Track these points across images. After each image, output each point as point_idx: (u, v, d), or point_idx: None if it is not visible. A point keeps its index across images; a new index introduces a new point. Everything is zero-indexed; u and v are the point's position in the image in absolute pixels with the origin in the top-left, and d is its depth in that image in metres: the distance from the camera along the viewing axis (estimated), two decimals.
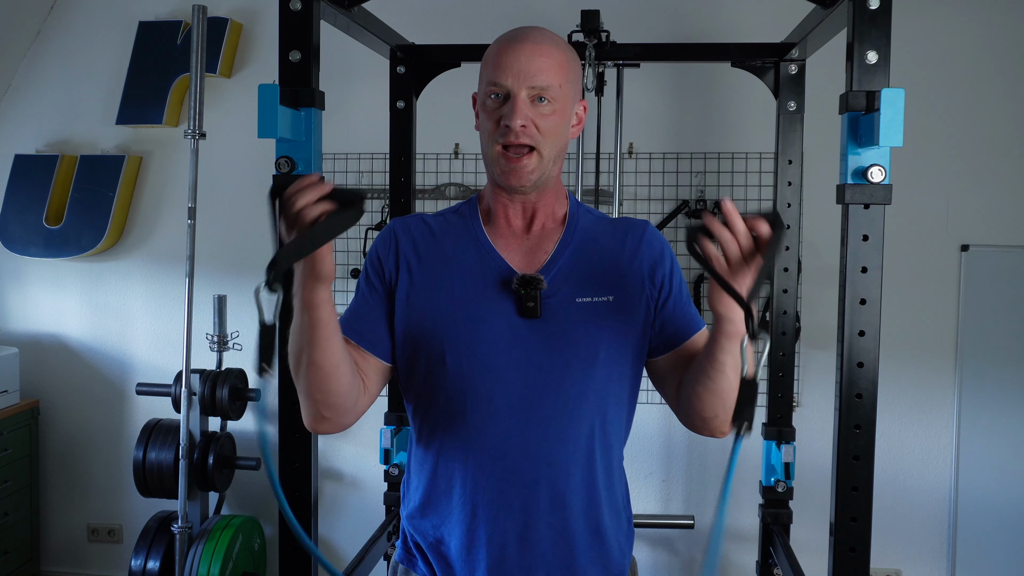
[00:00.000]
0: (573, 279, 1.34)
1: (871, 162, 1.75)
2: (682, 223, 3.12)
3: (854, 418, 1.82)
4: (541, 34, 1.34)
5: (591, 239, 1.38)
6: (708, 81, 3.11)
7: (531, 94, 1.29)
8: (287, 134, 1.85)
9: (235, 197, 3.31)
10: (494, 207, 1.38)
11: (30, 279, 3.45)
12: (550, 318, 1.31)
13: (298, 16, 1.89)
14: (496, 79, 1.29)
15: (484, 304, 1.32)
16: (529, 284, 1.30)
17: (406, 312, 1.35)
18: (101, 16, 3.37)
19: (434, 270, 1.36)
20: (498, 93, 1.30)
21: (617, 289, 1.35)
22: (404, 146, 2.73)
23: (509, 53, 1.30)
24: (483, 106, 1.33)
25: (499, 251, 1.36)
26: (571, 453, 1.33)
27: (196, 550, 2.92)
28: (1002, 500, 3.04)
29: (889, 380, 2.78)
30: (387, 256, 1.38)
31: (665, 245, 1.42)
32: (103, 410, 3.45)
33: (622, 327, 1.35)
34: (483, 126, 1.33)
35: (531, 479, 1.32)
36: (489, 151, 1.32)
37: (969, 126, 3.01)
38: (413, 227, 1.40)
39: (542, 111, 1.29)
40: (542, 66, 1.29)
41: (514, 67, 1.28)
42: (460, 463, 1.34)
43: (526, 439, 1.31)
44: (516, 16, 3.10)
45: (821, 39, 2.33)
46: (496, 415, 1.32)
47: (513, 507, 1.32)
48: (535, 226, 1.37)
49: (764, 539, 2.79)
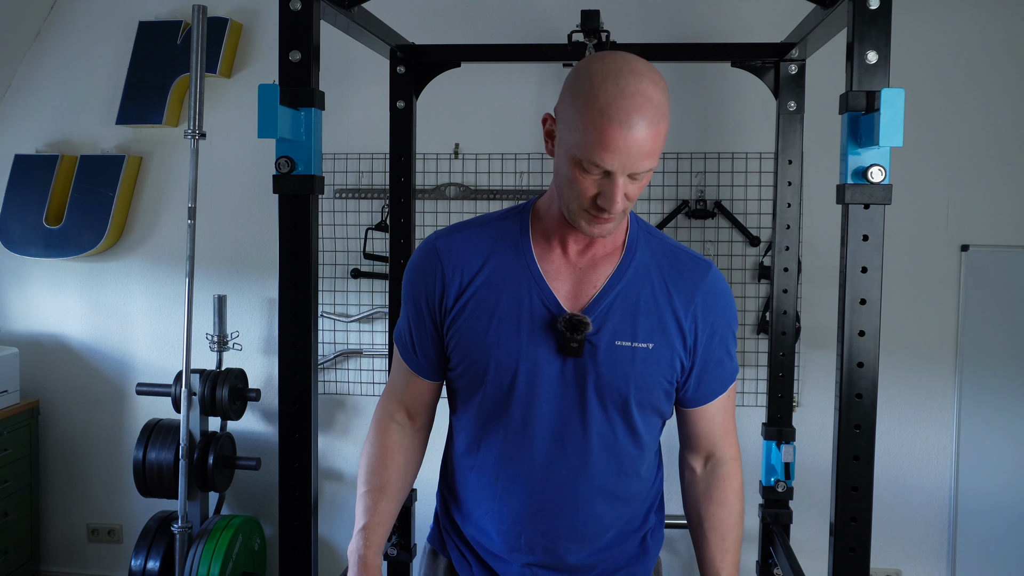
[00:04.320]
0: (616, 319, 1.33)
1: (871, 162, 1.75)
2: (682, 223, 3.12)
3: (854, 418, 1.82)
4: (653, 109, 1.20)
5: (644, 275, 1.36)
6: (708, 81, 3.11)
7: (631, 174, 1.24)
8: (287, 134, 1.84)
9: (235, 197, 3.31)
10: (554, 232, 1.36)
11: (30, 279, 3.45)
12: (589, 357, 1.33)
13: (298, 16, 1.89)
14: (600, 162, 1.21)
15: (528, 336, 1.33)
16: (575, 328, 1.31)
17: (454, 337, 1.37)
18: (101, 16, 3.37)
19: (480, 298, 1.35)
20: (598, 168, 1.22)
21: (659, 336, 1.34)
22: (404, 146, 2.73)
23: (618, 139, 1.19)
24: (576, 165, 1.24)
25: (549, 280, 1.34)
26: (595, 487, 1.38)
27: (196, 550, 2.92)
28: (1002, 500, 3.04)
29: (889, 380, 2.79)
30: (431, 284, 1.38)
31: (719, 298, 1.39)
32: (103, 410, 3.45)
33: (655, 375, 1.35)
34: (572, 182, 1.25)
35: (558, 506, 1.37)
36: (573, 206, 1.28)
37: (969, 126, 3.01)
38: (459, 249, 1.37)
39: (637, 182, 1.25)
40: (649, 151, 1.22)
41: (621, 155, 1.20)
42: (491, 482, 1.40)
43: (555, 471, 1.36)
44: (516, 16, 3.10)
45: (821, 39, 2.33)
46: (528, 445, 1.36)
47: (541, 529, 1.39)
48: (590, 251, 1.36)
49: (764, 539, 2.79)
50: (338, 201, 3.25)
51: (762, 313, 3.10)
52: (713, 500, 1.45)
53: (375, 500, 1.42)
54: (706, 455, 1.46)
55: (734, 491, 1.45)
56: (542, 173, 3.16)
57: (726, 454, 1.46)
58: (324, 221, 3.22)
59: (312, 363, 1.92)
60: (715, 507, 1.45)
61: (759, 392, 3.09)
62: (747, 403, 3.14)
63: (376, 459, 1.44)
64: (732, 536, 1.44)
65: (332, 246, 3.25)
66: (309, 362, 1.91)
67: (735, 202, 3.11)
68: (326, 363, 3.27)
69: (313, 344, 1.92)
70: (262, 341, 3.36)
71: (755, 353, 3.11)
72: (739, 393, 3.14)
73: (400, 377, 1.47)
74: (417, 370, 1.44)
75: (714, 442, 1.45)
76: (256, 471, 3.16)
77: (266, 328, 3.36)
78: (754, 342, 3.11)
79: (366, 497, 1.42)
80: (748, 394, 3.13)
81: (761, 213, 3.09)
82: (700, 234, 3.12)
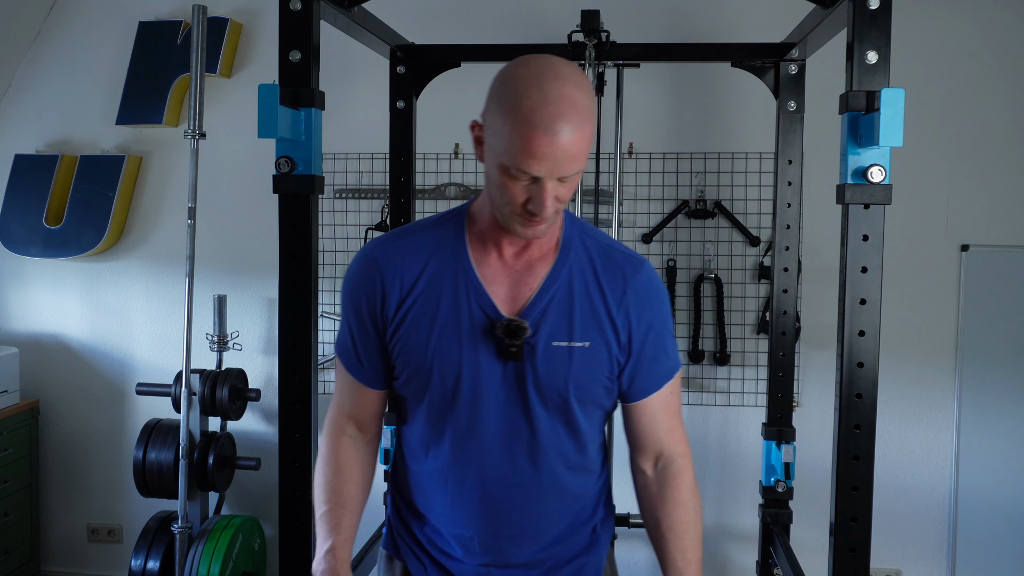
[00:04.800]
0: (553, 320, 1.35)
1: (871, 162, 1.75)
2: (682, 223, 3.12)
3: (854, 418, 1.82)
4: (577, 114, 1.21)
5: (579, 274, 1.37)
6: (708, 81, 3.11)
7: (560, 178, 1.24)
8: (287, 134, 1.85)
9: (235, 197, 3.31)
10: (489, 235, 1.37)
11: (30, 279, 3.45)
12: (528, 359, 1.34)
13: (298, 16, 1.89)
14: (525, 168, 1.21)
15: (468, 342, 1.35)
16: (513, 334, 1.32)
17: (397, 345, 1.38)
18: (101, 16, 3.37)
19: (421, 306, 1.36)
20: (525, 175, 1.23)
21: (594, 335, 1.36)
22: (404, 146, 2.73)
23: (544, 145, 1.19)
24: (504, 172, 1.24)
25: (486, 284, 1.36)
26: (545, 484, 1.39)
27: (196, 550, 2.92)
28: (1002, 500, 3.04)
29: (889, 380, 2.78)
30: (372, 294, 1.38)
31: (651, 295, 1.40)
32: (103, 410, 3.45)
33: (594, 373, 1.37)
34: (502, 188, 1.26)
35: (509, 506, 1.39)
36: (506, 211, 1.28)
37: (969, 126, 3.01)
38: (397, 258, 1.38)
39: (565, 185, 1.25)
40: (575, 154, 1.22)
41: (548, 161, 1.20)
42: (441, 486, 1.41)
43: (504, 472, 1.38)
44: (516, 16, 3.10)
45: (821, 39, 2.33)
46: (476, 449, 1.38)
47: (494, 530, 1.40)
48: (526, 254, 1.37)
49: (764, 539, 2.79)
50: (338, 201, 3.25)
51: (762, 313, 3.10)
52: (667, 500, 1.44)
53: (338, 517, 1.42)
54: (655, 455, 1.46)
55: (687, 488, 1.45)
56: None
57: (675, 451, 1.46)
58: (324, 221, 3.22)
59: (312, 363, 1.92)
60: (670, 507, 1.44)
61: (759, 392, 3.09)
62: (747, 403, 3.14)
63: (333, 475, 1.44)
64: (691, 534, 1.44)
65: (332, 246, 3.25)
66: (309, 362, 1.92)
67: (735, 202, 3.11)
68: (326, 363, 3.27)
69: (313, 344, 1.92)
70: (262, 341, 3.36)
71: (755, 353, 3.11)
72: (739, 393, 3.14)
73: (346, 390, 1.47)
74: (364, 380, 1.44)
75: (659, 440, 1.45)
76: (256, 471, 3.16)
77: (266, 328, 3.36)
78: (754, 342, 3.12)
79: (328, 516, 1.42)
80: (748, 394, 3.13)
81: (761, 213, 3.09)
82: (700, 234, 3.12)
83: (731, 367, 3.13)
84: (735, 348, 3.12)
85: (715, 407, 3.17)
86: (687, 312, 3.13)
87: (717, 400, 3.16)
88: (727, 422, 3.17)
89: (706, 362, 3.13)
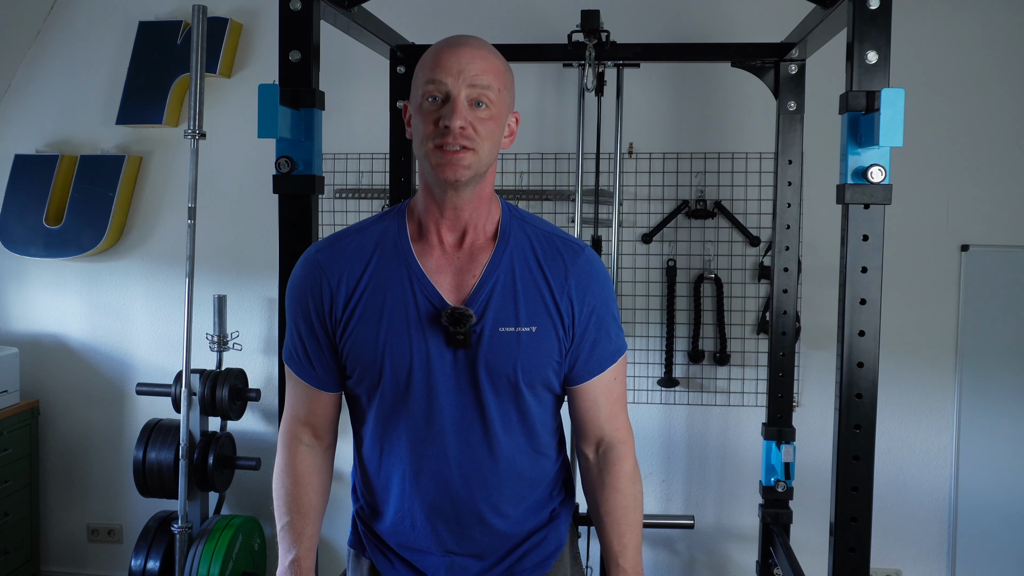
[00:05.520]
0: (497, 306, 1.36)
1: (871, 162, 1.75)
2: (682, 223, 3.12)
3: (854, 418, 1.82)
4: (480, 42, 1.35)
5: (521, 260, 1.39)
6: (708, 81, 3.11)
7: (470, 96, 1.30)
8: (287, 134, 1.85)
9: (235, 197, 3.31)
10: (426, 221, 1.39)
11: (30, 279, 3.45)
12: (475, 346, 1.35)
13: (298, 16, 1.89)
14: (436, 77, 1.30)
15: (417, 333, 1.36)
16: (458, 322, 1.33)
17: (347, 344, 1.39)
18: (101, 16, 3.37)
19: (367, 302, 1.37)
20: (436, 96, 1.30)
21: (539, 319, 1.37)
22: (404, 146, 2.73)
23: (450, 55, 1.31)
24: (419, 108, 1.33)
25: (429, 275, 1.37)
26: (502, 470, 1.41)
27: (196, 550, 2.92)
28: (1002, 500, 3.04)
29: (889, 380, 2.79)
30: (318, 296, 1.39)
31: (593, 278, 1.42)
32: (103, 410, 3.45)
33: (542, 357, 1.38)
34: (418, 128, 1.34)
35: (468, 494, 1.41)
36: (423, 149, 1.32)
37: (969, 126, 3.01)
38: (340, 259, 1.39)
39: (480, 115, 1.30)
40: (482, 68, 1.31)
41: (455, 67, 1.29)
42: (400, 480, 1.43)
43: (462, 461, 1.40)
44: (516, 16, 3.10)
45: (821, 39, 2.33)
46: (433, 440, 1.39)
47: (455, 518, 1.43)
48: (466, 242, 1.39)
49: (764, 539, 2.79)
50: (338, 201, 3.25)
51: (762, 313, 3.10)
52: (606, 486, 1.48)
53: (300, 528, 1.45)
54: (596, 440, 1.49)
55: (626, 475, 1.47)
56: (542, 173, 3.17)
57: (615, 437, 1.48)
58: (324, 221, 3.22)
59: None
60: (608, 492, 1.47)
61: (759, 392, 3.09)
62: (747, 403, 3.14)
63: (293, 485, 1.46)
64: (628, 519, 1.47)
65: None
66: None
67: (735, 202, 3.11)
68: None
69: None
70: (262, 341, 3.36)
71: (755, 353, 3.11)
72: (739, 393, 3.14)
73: (299, 397, 1.47)
74: (317, 384, 1.44)
75: (601, 426, 1.47)
76: (256, 471, 3.16)
77: (266, 328, 3.36)
78: (754, 342, 3.12)
79: (290, 527, 1.45)
80: (748, 394, 3.13)
81: (761, 213, 3.09)
82: (700, 234, 3.12)
83: (731, 367, 3.13)
84: (735, 348, 3.12)
85: (715, 407, 3.17)
86: (687, 312, 3.13)
87: (717, 400, 3.16)
88: (727, 422, 3.17)
89: (706, 362, 3.13)
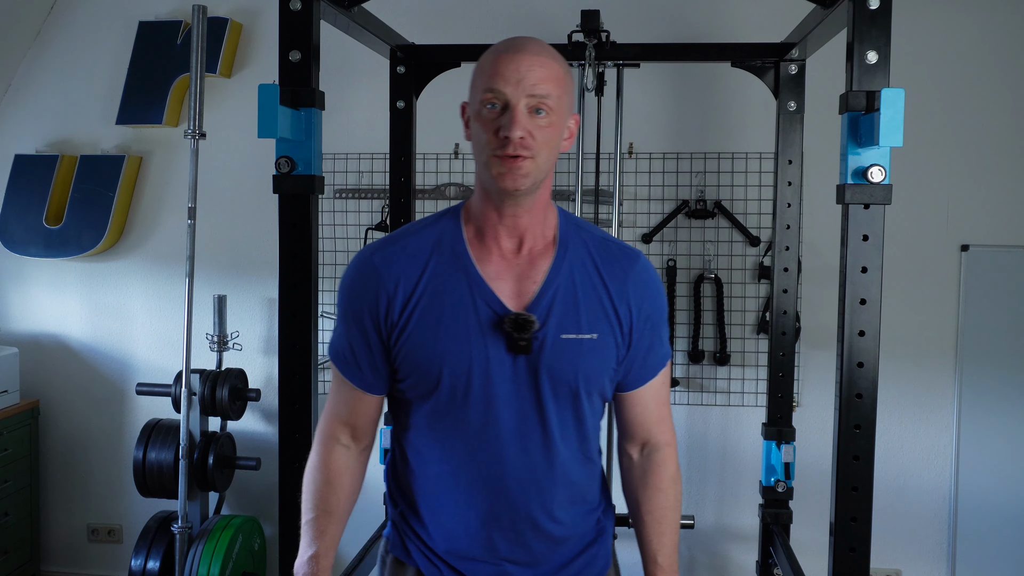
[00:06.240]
0: (559, 313, 1.35)
1: (871, 162, 1.75)
2: (682, 223, 3.12)
3: (854, 418, 1.82)
4: (539, 45, 1.32)
5: (580, 268, 1.38)
6: (708, 81, 3.11)
7: (530, 104, 1.28)
8: (287, 134, 1.85)
9: (235, 197, 3.31)
10: (484, 227, 1.37)
11: (30, 279, 3.45)
12: (537, 353, 1.35)
13: (298, 16, 1.89)
14: (494, 86, 1.28)
15: (477, 339, 1.34)
16: (522, 328, 1.32)
17: (402, 349, 1.37)
18: (101, 16, 3.37)
19: (425, 307, 1.35)
20: (495, 103, 1.28)
21: (600, 326, 1.37)
22: (404, 146, 2.73)
23: (508, 62, 1.28)
24: (478, 116, 1.31)
25: (489, 281, 1.35)
26: (557, 476, 1.41)
27: (196, 550, 2.92)
28: (1002, 500, 3.04)
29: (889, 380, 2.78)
30: (374, 300, 1.37)
31: (649, 285, 1.43)
32: (103, 410, 3.45)
33: (602, 364, 1.39)
34: (477, 136, 1.32)
35: (524, 501, 1.39)
36: (483, 157, 1.31)
37: (969, 126, 3.01)
38: (397, 262, 1.37)
39: (539, 122, 1.28)
40: (542, 76, 1.28)
41: (514, 76, 1.27)
42: (453, 487, 1.40)
43: (518, 468, 1.38)
44: (516, 16, 3.10)
45: (821, 39, 2.33)
46: (489, 446, 1.38)
47: (510, 526, 1.41)
48: (524, 248, 1.37)
49: (764, 539, 2.79)
50: (338, 201, 3.25)
51: (762, 313, 3.10)
52: (649, 486, 1.49)
53: (324, 525, 1.44)
54: (642, 442, 1.50)
55: (669, 477, 1.49)
56: None
57: (660, 440, 1.49)
58: (324, 221, 3.22)
59: (312, 363, 1.92)
60: (651, 492, 1.49)
61: (759, 392, 3.09)
62: (747, 403, 3.14)
63: (324, 484, 1.45)
64: (668, 520, 1.49)
65: (332, 246, 3.25)
66: (309, 362, 1.92)
67: (735, 202, 3.11)
68: (326, 363, 3.26)
69: (313, 344, 1.92)
70: (262, 341, 3.36)
71: (755, 353, 3.11)
72: (739, 393, 3.14)
73: (343, 396, 1.46)
74: (364, 386, 1.43)
75: (648, 428, 1.48)
76: (256, 471, 3.16)
77: (266, 328, 3.36)
78: (754, 342, 3.12)
79: (315, 523, 1.44)
80: (748, 394, 3.13)
81: (761, 213, 3.09)
82: (700, 234, 3.12)
83: (731, 367, 3.13)
84: (735, 348, 3.12)
85: (715, 407, 3.17)
86: (687, 312, 3.13)
87: (717, 400, 3.16)
88: (727, 422, 3.17)
89: (706, 362, 3.13)
